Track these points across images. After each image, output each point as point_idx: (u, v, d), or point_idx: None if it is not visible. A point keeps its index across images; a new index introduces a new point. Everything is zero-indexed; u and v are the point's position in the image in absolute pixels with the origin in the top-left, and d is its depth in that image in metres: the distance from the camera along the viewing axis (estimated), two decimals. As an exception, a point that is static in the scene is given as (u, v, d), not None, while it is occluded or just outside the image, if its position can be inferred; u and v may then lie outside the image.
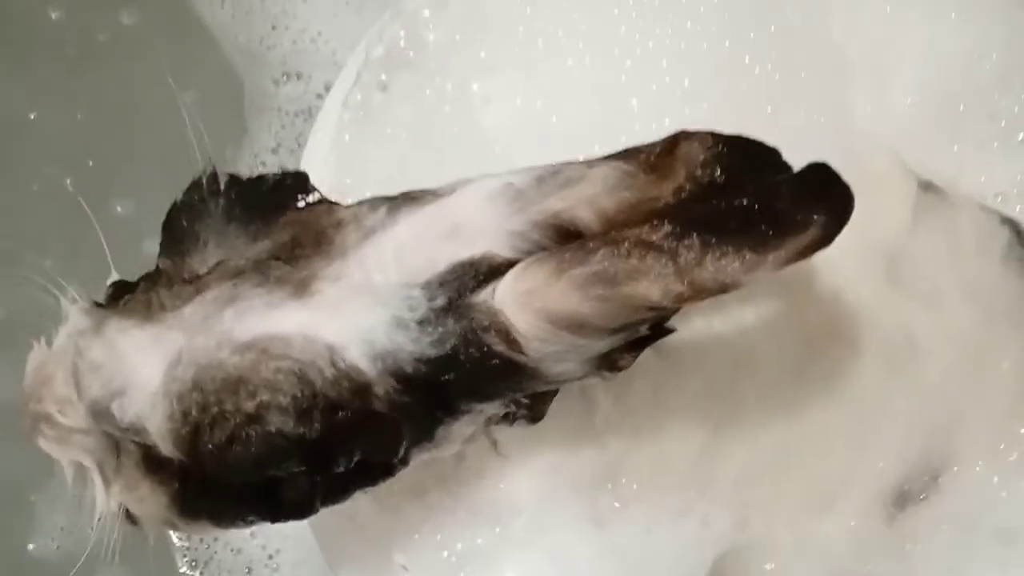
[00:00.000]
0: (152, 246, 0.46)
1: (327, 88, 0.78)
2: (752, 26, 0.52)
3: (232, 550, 0.69)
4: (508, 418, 0.43)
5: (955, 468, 0.50)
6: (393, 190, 0.43)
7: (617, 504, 0.47)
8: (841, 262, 0.48)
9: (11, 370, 0.72)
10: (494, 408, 0.42)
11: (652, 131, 0.50)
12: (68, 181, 0.73)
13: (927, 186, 0.52)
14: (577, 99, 0.52)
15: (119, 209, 0.72)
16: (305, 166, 0.54)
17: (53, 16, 0.76)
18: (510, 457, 0.47)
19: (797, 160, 0.39)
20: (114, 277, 0.44)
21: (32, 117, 0.75)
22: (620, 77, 0.52)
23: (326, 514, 0.43)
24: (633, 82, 0.52)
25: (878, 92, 0.53)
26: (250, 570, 0.68)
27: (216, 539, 0.69)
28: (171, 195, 0.74)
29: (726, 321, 0.47)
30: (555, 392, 0.43)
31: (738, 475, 0.48)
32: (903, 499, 0.50)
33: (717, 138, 0.39)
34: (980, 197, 0.53)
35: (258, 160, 0.76)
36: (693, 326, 0.47)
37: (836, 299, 0.49)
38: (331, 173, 0.52)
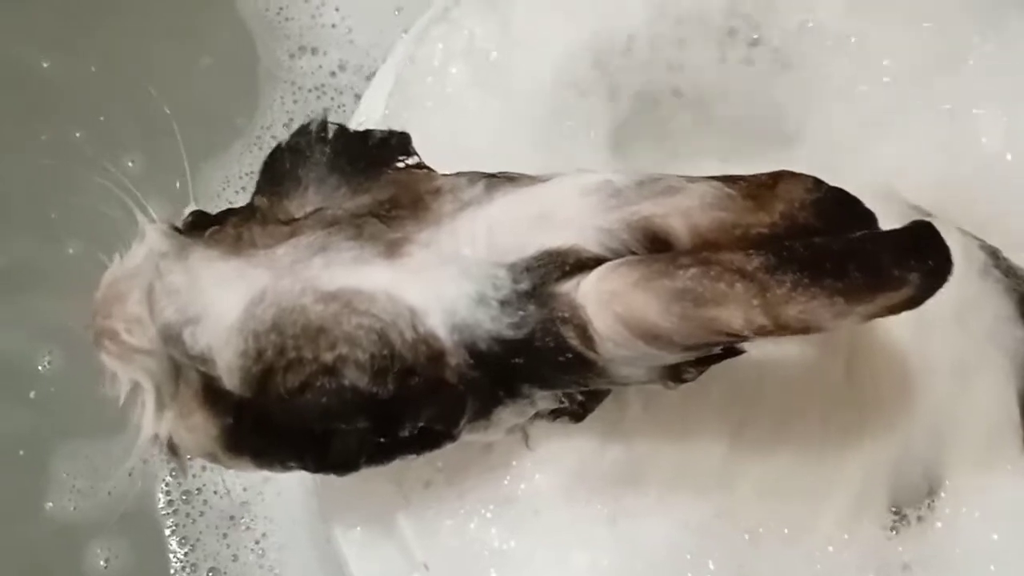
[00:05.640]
0: (159, 203, 0.46)
1: (341, 67, 0.77)
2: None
3: (220, 534, 0.68)
4: (555, 413, 0.43)
5: (945, 488, 0.52)
6: (447, 149, 0.43)
7: (638, 505, 0.48)
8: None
9: (12, 322, 0.71)
10: (549, 399, 0.42)
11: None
12: (78, 134, 0.72)
13: (917, 209, 0.53)
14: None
15: (129, 164, 0.71)
16: (359, 118, 0.53)
17: (73, -31, 0.75)
18: (537, 451, 0.46)
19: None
20: (192, 207, 0.43)
21: (45, 66, 0.74)
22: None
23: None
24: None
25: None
26: (236, 557, 0.67)
27: (202, 514, 0.68)
28: (180, 153, 0.73)
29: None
30: (607, 393, 0.43)
31: (755, 487, 0.49)
32: (899, 515, 0.51)
33: (821, 184, 0.39)
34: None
35: (269, 133, 0.75)
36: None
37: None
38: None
